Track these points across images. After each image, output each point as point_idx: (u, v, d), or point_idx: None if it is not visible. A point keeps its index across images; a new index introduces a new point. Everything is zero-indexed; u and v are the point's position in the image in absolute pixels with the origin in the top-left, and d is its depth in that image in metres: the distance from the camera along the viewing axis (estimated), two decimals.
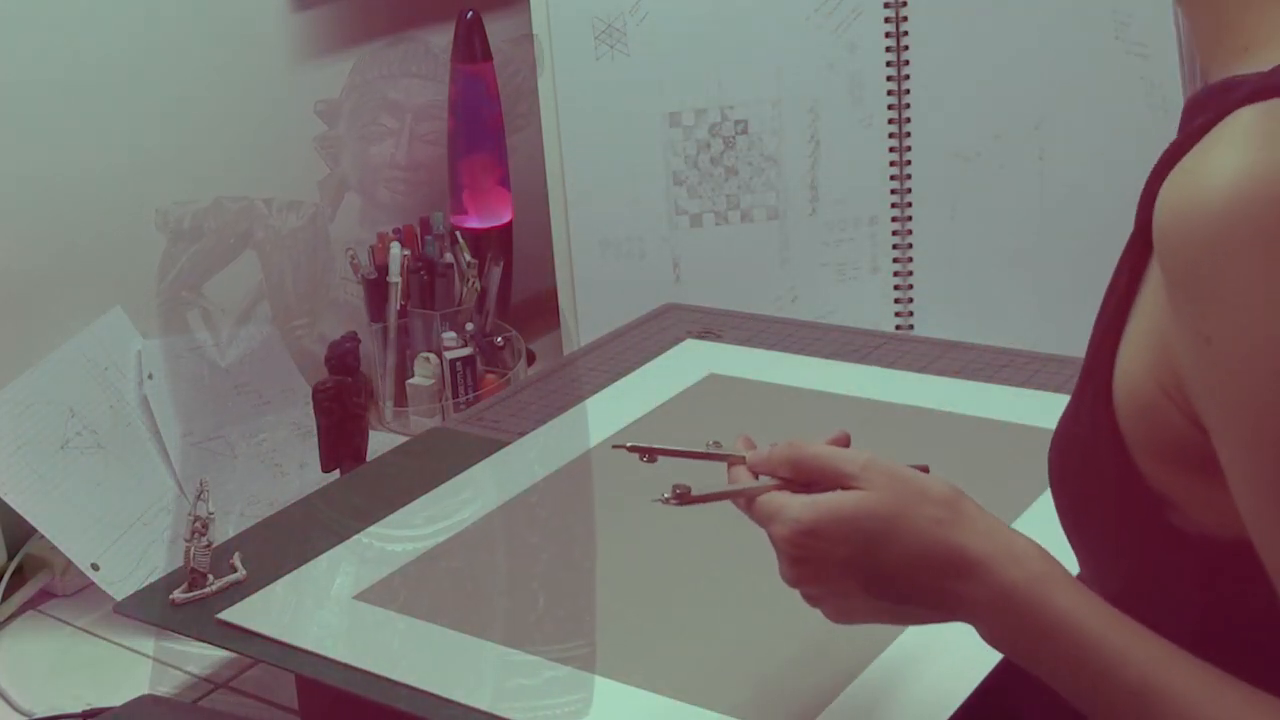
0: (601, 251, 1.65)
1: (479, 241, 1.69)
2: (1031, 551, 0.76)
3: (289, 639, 1.05)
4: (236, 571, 1.13)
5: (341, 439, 1.42)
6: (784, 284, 1.66)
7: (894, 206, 1.64)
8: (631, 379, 1.43)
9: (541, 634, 1.05)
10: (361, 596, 1.10)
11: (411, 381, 1.63)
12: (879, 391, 1.36)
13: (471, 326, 1.63)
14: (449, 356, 1.60)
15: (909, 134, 1.62)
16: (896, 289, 1.65)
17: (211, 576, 1.11)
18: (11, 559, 1.35)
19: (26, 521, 1.30)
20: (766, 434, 0.86)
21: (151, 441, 1.42)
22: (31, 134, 1.42)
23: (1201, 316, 0.66)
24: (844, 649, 0.98)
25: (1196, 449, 0.69)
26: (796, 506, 0.79)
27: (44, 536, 1.30)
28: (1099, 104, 1.59)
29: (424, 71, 1.77)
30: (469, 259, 1.62)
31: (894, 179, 1.63)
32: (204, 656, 1.21)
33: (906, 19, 1.61)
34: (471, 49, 1.71)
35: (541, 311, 1.80)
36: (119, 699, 1.08)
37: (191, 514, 1.13)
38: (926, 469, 0.81)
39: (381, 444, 1.47)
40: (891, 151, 1.63)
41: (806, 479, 0.81)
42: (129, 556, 1.31)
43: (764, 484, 0.82)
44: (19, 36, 1.40)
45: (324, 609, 1.09)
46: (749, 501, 0.82)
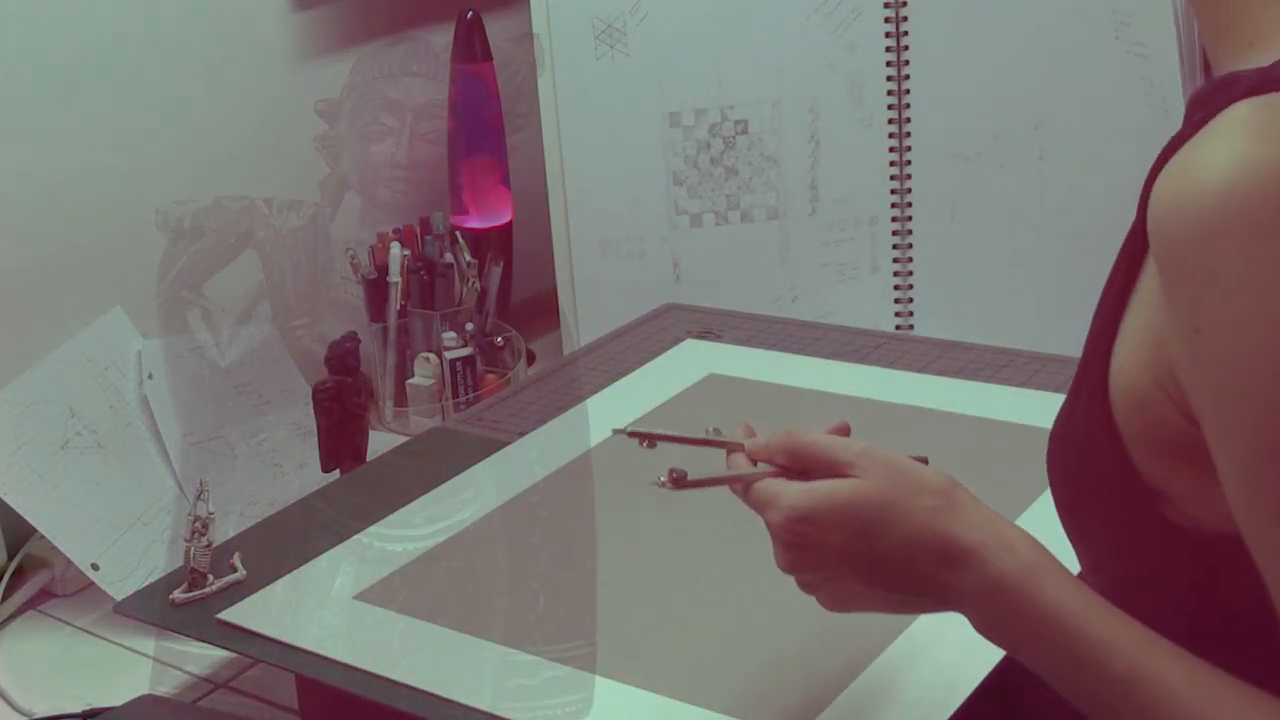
0: (601, 251, 1.65)
1: (479, 241, 1.69)
2: (1023, 542, 0.77)
3: (289, 639, 1.05)
4: (236, 571, 1.13)
5: (341, 439, 1.42)
6: (784, 284, 1.66)
7: (894, 206, 1.64)
8: (631, 379, 1.43)
9: (542, 634, 1.05)
10: (361, 596, 1.10)
11: (411, 381, 1.63)
12: (879, 391, 1.36)
13: (471, 326, 1.63)
14: (449, 356, 1.60)
15: (909, 134, 1.62)
16: (896, 289, 1.65)
17: (211, 576, 1.11)
18: (11, 559, 1.35)
19: (26, 521, 1.30)
20: (766, 434, 0.86)
21: (151, 441, 1.42)
22: (32, 134, 1.42)
23: (1192, 307, 0.66)
24: (844, 649, 0.98)
25: (1191, 443, 0.69)
26: (792, 493, 0.79)
27: (44, 536, 1.30)
28: (1099, 104, 1.59)
29: (424, 71, 1.77)
30: (469, 259, 1.62)
31: (894, 179, 1.63)
32: (204, 656, 1.21)
33: (906, 19, 1.61)
34: (471, 49, 1.71)
35: (541, 311, 1.80)
36: (119, 699, 1.08)
37: (191, 514, 1.13)
38: (925, 460, 0.81)
39: (381, 444, 1.47)
40: (891, 151, 1.63)
41: (803, 467, 0.81)
42: (129, 556, 1.31)
43: (761, 471, 0.82)
44: (19, 36, 1.40)
45: (324, 609, 1.09)
46: (745, 488, 0.82)
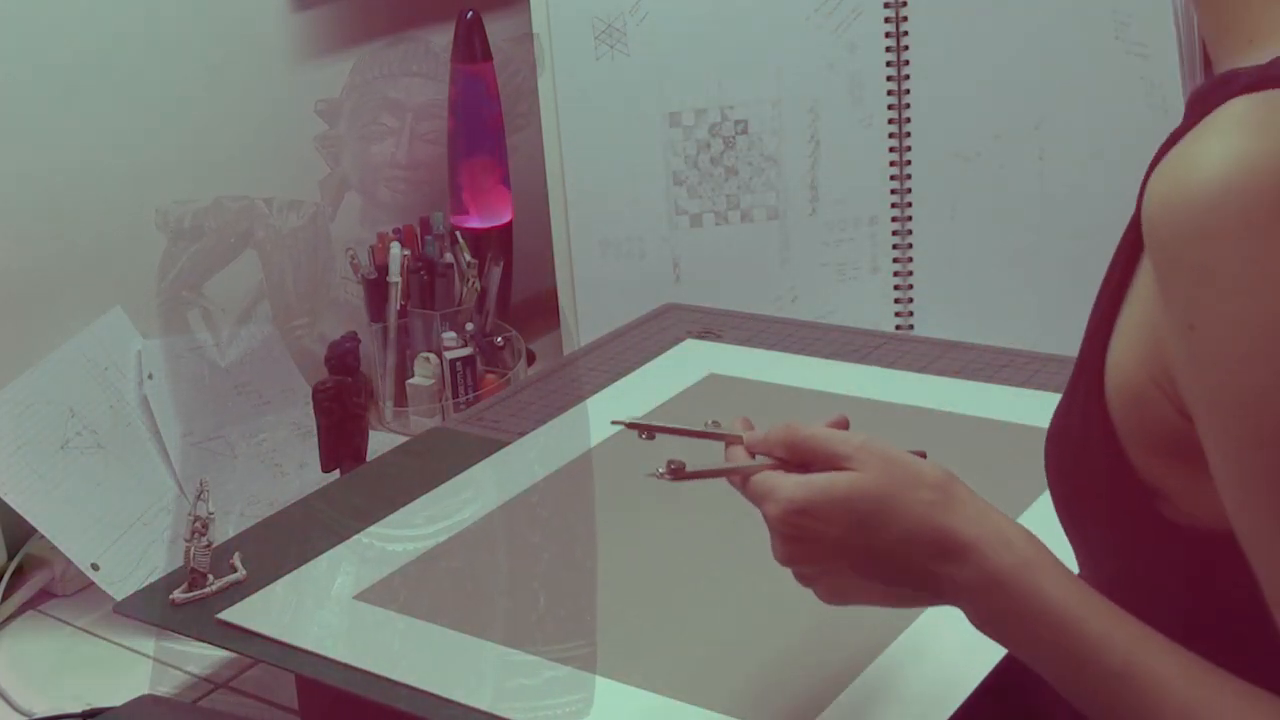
0: (601, 251, 1.65)
1: (479, 241, 1.69)
2: (1020, 537, 0.77)
3: (289, 639, 1.05)
4: (236, 571, 1.13)
5: (341, 439, 1.42)
6: (784, 284, 1.66)
7: (894, 206, 1.64)
8: (631, 379, 1.43)
9: (542, 634, 1.05)
10: (361, 596, 1.10)
11: (411, 381, 1.63)
12: (879, 391, 1.36)
13: (471, 326, 1.62)
14: (449, 356, 1.60)
15: (909, 134, 1.62)
16: (896, 289, 1.65)
17: (211, 576, 1.11)
18: (11, 559, 1.35)
19: (26, 521, 1.30)
20: (765, 430, 0.86)
21: (151, 441, 1.42)
22: (32, 134, 1.42)
23: (1186, 304, 0.66)
24: (844, 648, 0.98)
25: (1186, 440, 0.69)
26: (790, 486, 0.79)
27: (44, 536, 1.30)
28: (1099, 104, 1.59)
29: (424, 70, 1.77)
30: (469, 259, 1.62)
31: (894, 179, 1.63)
32: (204, 656, 1.21)
33: (906, 19, 1.61)
34: (471, 49, 1.71)
35: (541, 311, 1.80)
36: (119, 699, 1.08)
37: (191, 514, 1.13)
38: (923, 454, 0.81)
39: (381, 444, 1.47)
40: (891, 151, 1.63)
41: (801, 459, 0.81)
42: (129, 556, 1.31)
43: (760, 463, 0.82)
44: (19, 36, 1.40)
45: (324, 609, 1.09)
46: (744, 480, 0.82)
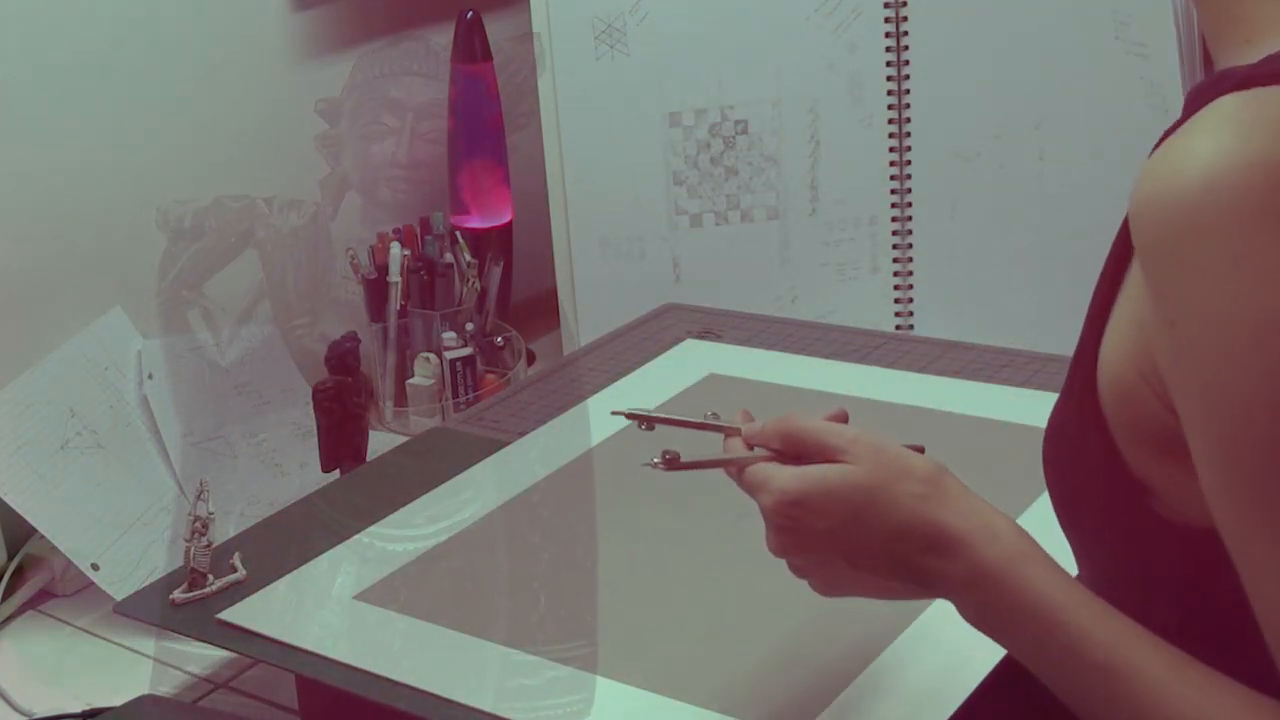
0: (601, 251, 1.65)
1: (479, 241, 1.69)
2: (1009, 530, 0.77)
3: (289, 639, 1.05)
4: (236, 571, 1.13)
5: (341, 439, 1.42)
6: (784, 284, 1.66)
7: (894, 206, 1.64)
8: (631, 379, 1.43)
9: (543, 634, 1.05)
10: (362, 596, 1.10)
11: (411, 381, 1.63)
12: (879, 391, 1.36)
13: (471, 326, 1.62)
14: (449, 356, 1.60)
15: (909, 134, 1.62)
16: (896, 289, 1.65)
17: (211, 576, 1.11)
18: (11, 559, 1.34)
19: (26, 521, 1.29)
20: None
21: (151, 441, 1.42)
22: (32, 133, 1.42)
23: (1169, 299, 0.66)
24: (846, 648, 0.98)
25: (1175, 437, 0.69)
26: (784, 477, 0.80)
27: (44, 536, 1.30)
28: (1099, 104, 1.59)
29: (425, 70, 1.77)
30: (469, 259, 1.62)
31: (894, 179, 1.63)
32: (204, 656, 1.21)
33: (906, 19, 1.61)
34: (471, 49, 1.71)
35: (541, 311, 1.80)
36: (119, 699, 1.08)
37: (191, 514, 1.13)
38: (921, 449, 0.81)
39: (381, 444, 1.47)
40: (891, 151, 1.63)
41: (797, 451, 0.81)
42: (129, 556, 1.31)
43: (756, 455, 0.83)
44: (19, 36, 1.39)
45: (324, 609, 1.09)
46: (739, 471, 0.83)
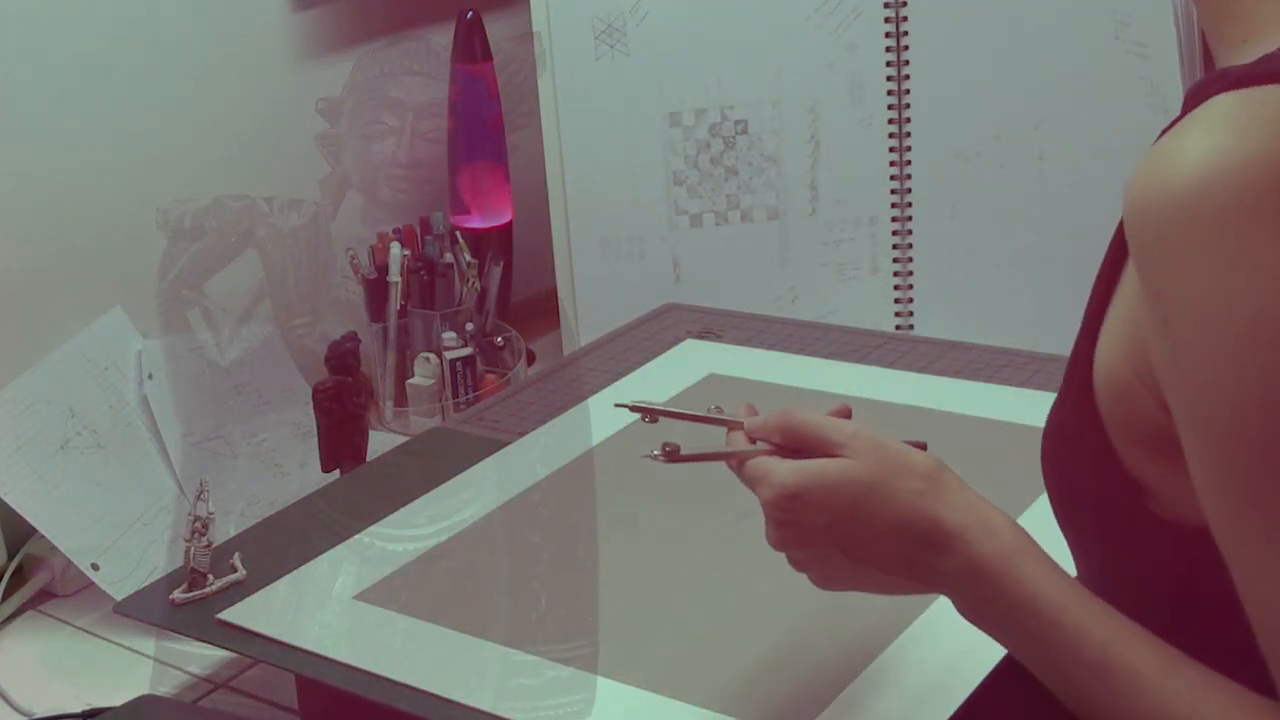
0: (601, 251, 1.65)
1: (479, 241, 1.69)
2: (1006, 526, 0.77)
3: (289, 639, 1.05)
4: (236, 571, 1.13)
5: (341, 439, 1.42)
6: (784, 284, 1.66)
7: (894, 206, 1.64)
8: (631, 379, 1.43)
9: (543, 634, 1.05)
10: (362, 596, 1.10)
11: (411, 381, 1.63)
12: (879, 391, 1.36)
13: (471, 326, 1.62)
14: (449, 356, 1.60)
15: (909, 134, 1.62)
16: (896, 289, 1.65)
17: (211, 576, 1.11)
18: (11, 559, 1.34)
19: (26, 521, 1.29)
20: None
21: (151, 441, 1.42)
22: (32, 133, 1.42)
23: (1161, 298, 0.66)
24: (847, 648, 0.98)
25: (1169, 435, 0.69)
26: (783, 471, 0.80)
27: (44, 536, 1.30)
28: (1099, 104, 1.59)
29: (425, 69, 1.77)
30: (469, 259, 1.62)
31: (894, 179, 1.63)
32: (204, 656, 1.21)
33: (906, 19, 1.61)
34: (471, 49, 1.71)
35: (541, 311, 1.80)
36: (119, 699, 1.08)
37: (191, 514, 1.13)
38: (924, 446, 0.81)
39: (381, 444, 1.47)
40: (891, 151, 1.63)
41: (797, 445, 0.82)
42: (129, 556, 1.31)
43: (756, 449, 0.83)
44: (19, 35, 1.40)
45: (324, 609, 1.09)
46: (740, 464, 0.83)
